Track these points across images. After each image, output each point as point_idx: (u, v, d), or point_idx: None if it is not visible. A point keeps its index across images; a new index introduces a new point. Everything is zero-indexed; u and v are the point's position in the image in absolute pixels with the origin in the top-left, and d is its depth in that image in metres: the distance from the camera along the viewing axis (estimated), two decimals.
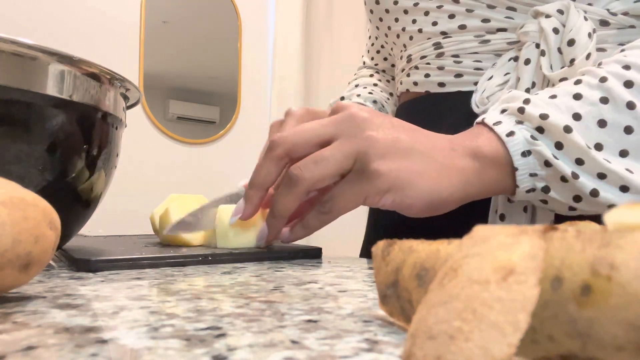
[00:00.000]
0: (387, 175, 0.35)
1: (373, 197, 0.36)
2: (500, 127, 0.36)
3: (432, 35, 0.50)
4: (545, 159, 0.34)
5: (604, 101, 0.34)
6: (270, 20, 1.99)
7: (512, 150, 0.35)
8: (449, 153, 0.36)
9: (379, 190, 0.35)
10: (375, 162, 0.35)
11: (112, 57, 1.61)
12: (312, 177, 0.36)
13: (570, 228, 0.12)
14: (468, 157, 0.36)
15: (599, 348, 0.11)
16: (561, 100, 0.35)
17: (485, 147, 0.36)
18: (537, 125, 0.35)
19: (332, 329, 0.19)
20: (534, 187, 0.36)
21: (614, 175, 0.33)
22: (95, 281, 0.29)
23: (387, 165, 0.35)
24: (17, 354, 0.15)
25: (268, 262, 0.41)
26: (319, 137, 0.36)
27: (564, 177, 0.34)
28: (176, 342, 0.16)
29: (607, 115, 0.34)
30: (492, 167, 0.36)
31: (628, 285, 0.10)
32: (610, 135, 0.34)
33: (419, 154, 0.35)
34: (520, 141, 0.35)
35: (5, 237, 0.20)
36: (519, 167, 0.35)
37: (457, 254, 0.12)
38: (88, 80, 0.37)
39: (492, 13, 0.46)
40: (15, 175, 0.32)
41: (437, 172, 0.35)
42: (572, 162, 0.34)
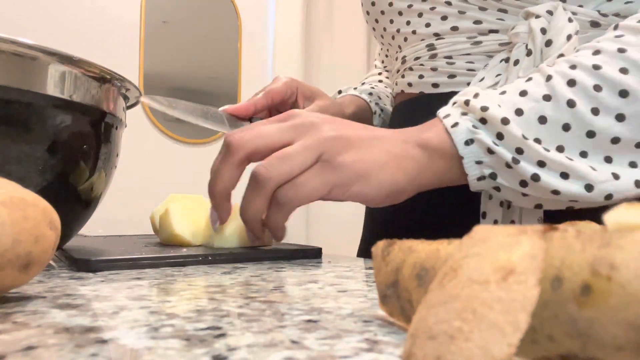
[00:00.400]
0: (352, 166, 0.36)
1: (339, 188, 0.36)
2: (448, 119, 0.38)
3: (426, 37, 0.50)
4: (487, 146, 0.36)
5: (546, 98, 0.36)
6: (270, 20, 1.98)
7: (456, 140, 0.37)
8: (402, 145, 0.38)
9: (345, 182, 0.36)
10: (341, 154, 0.36)
11: (112, 57, 1.61)
12: (279, 175, 0.36)
13: (570, 228, 0.12)
14: (417, 148, 0.38)
15: (599, 348, 0.11)
16: (508, 97, 0.37)
17: (432, 138, 0.38)
18: (479, 117, 0.36)
19: (332, 329, 0.19)
20: (482, 174, 0.37)
21: (553, 163, 0.35)
22: (95, 281, 0.29)
23: (351, 157, 0.36)
24: (17, 354, 0.15)
25: (268, 262, 0.41)
26: (279, 142, 0.37)
27: (508, 164, 0.36)
28: (176, 342, 0.16)
29: (548, 112, 0.35)
30: (440, 157, 0.38)
31: (628, 285, 0.10)
32: (548, 131, 0.35)
33: (377, 146, 0.37)
34: (463, 130, 0.37)
35: (5, 237, 0.20)
36: (464, 155, 0.37)
37: (457, 254, 0.12)
38: (88, 80, 0.37)
39: (483, 15, 0.47)
40: (15, 175, 0.32)
41: (395, 163, 0.37)
42: (512, 150, 0.36)
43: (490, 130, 0.36)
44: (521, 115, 0.36)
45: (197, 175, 1.78)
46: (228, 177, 0.37)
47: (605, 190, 0.35)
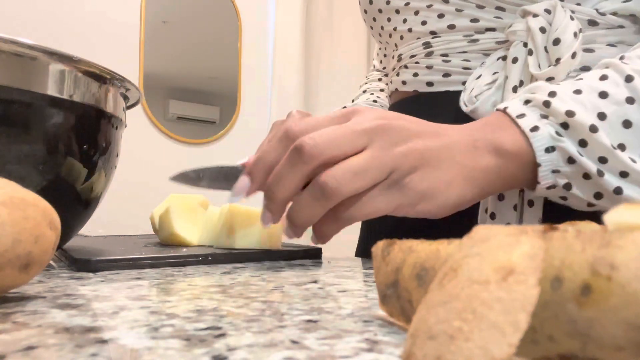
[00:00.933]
0: (420, 187, 0.34)
1: (404, 208, 0.35)
2: (524, 120, 0.35)
3: (422, 35, 0.50)
4: (570, 155, 0.34)
5: (629, 101, 0.34)
6: (270, 20, 1.98)
7: (536, 146, 0.34)
8: (473, 153, 0.36)
9: (411, 202, 0.35)
10: (409, 175, 0.34)
11: (112, 57, 1.61)
12: (349, 191, 0.33)
13: (570, 228, 0.12)
14: (490, 154, 0.36)
15: (599, 348, 0.11)
16: (587, 97, 0.34)
17: (507, 142, 0.35)
18: (562, 122, 0.34)
19: (332, 329, 0.19)
20: (555, 183, 0.35)
21: (637, 174, 0.33)
22: (95, 281, 0.29)
23: (419, 177, 0.34)
24: (17, 354, 0.15)
25: (268, 262, 0.41)
26: (354, 149, 0.34)
27: (587, 174, 0.34)
28: (176, 342, 0.16)
29: (633, 115, 0.34)
30: (514, 163, 0.35)
31: (628, 285, 0.10)
32: (634, 135, 0.34)
33: (446, 161, 0.35)
34: (544, 137, 0.34)
35: (5, 237, 0.20)
36: (542, 163, 0.34)
37: (457, 254, 0.12)
38: (88, 80, 0.37)
39: (481, 13, 0.46)
40: (15, 175, 0.32)
41: (464, 178, 0.35)
42: (596, 160, 0.34)
43: (574, 137, 0.34)
44: (604, 120, 0.34)
45: None
46: (295, 187, 0.34)
47: None
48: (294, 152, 0.33)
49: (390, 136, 0.35)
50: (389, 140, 0.35)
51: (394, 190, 0.35)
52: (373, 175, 0.33)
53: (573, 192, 0.35)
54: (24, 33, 1.44)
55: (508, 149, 0.35)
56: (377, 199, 0.35)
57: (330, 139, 0.34)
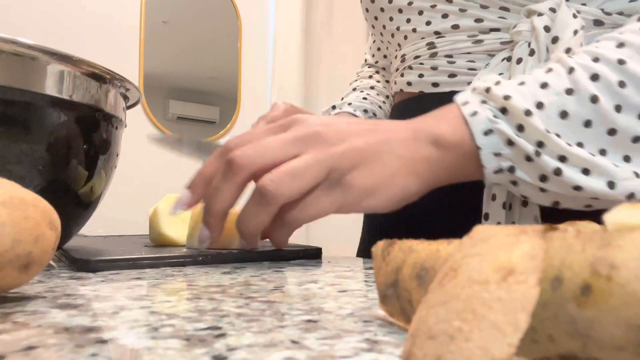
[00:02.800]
0: (362, 184, 0.35)
1: (348, 206, 0.35)
2: (466, 107, 0.36)
3: (426, 35, 0.50)
4: (508, 137, 0.34)
5: (569, 92, 0.34)
6: (270, 20, 1.98)
7: (475, 130, 0.35)
8: (413, 144, 0.36)
9: (354, 200, 0.35)
10: (350, 172, 0.35)
11: (112, 57, 1.61)
12: (289, 193, 0.34)
13: (570, 228, 0.12)
14: (431, 145, 0.36)
15: (599, 348, 0.11)
16: (528, 88, 0.35)
17: (447, 132, 0.36)
18: (500, 106, 0.35)
19: (332, 329, 0.19)
20: (500, 167, 0.36)
21: (576, 157, 0.33)
22: (95, 281, 0.29)
23: (360, 174, 0.35)
24: (17, 354, 0.15)
25: (268, 262, 0.41)
26: (286, 157, 0.35)
27: (528, 156, 0.34)
28: (176, 342, 0.16)
29: (570, 107, 0.34)
30: (455, 152, 0.36)
31: (628, 285, 0.10)
32: (569, 127, 0.34)
33: (387, 155, 0.36)
34: (482, 120, 0.35)
35: (5, 237, 0.20)
36: (481, 146, 0.35)
37: (457, 254, 0.12)
38: (88, 80, 0.37)
39: (485, 13, 0.46)
40: (15, 175, 0.32)
41: (406, 169, 0.36)
42: (534, 143, 0.34)
43: (511, 121, 0.35)
44: (542, 109, 0.34)
45: None
46: (230, 197, 0.35)
47: (627, 188, 0.33)
48: (226, 164, 0.35)
49: (325, 140, 0.35)
50: (324, 143, 0.35)
51: (336, 190, 0.35)
52: (311, 175, 0.34)
53: (518, 175, 0.35)
54: (23, 33, 1.43)
55: (447, 139, 0.36)
56: (319, 200, 0.35)
57: (260, 149, 0.35)
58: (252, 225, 0.35)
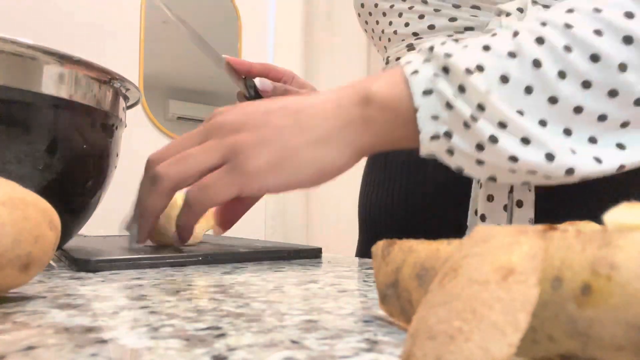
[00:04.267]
0: (257, 162, 0.34)
1: (249, 187, 0.35)
2: (408, 66, 0.34)
3: (406, 37, 0.51)
4: (447, 99, 0.32)
5: (511, 55, 0.32)
6: (270, 20, 1.98)
7: (414, 90, 0.33)
8: (334, 112, 0.35)
9: (253, 179, 0.34)
10: (245, 153, 0.34)
11: (112, 57, 1.61)
12: (175, 174, 0.35)
13: (570, 228, 0.12)
14: (356, 106, 0.34)
15: (599, 348, 0.11)
16: (470, 50, 0.33)
17: (381, 90, 0.34)
18: (442, 65, 0.33)
19: (332, 329, 0.19)
20: (437, 132, 0.33)
21: (515, 125, 0.31)
22: (95, 281, 0.29)
23: (255, 152, 0.34)
24: (17, 354, 0.15)
25: (268, 262, 0.41)
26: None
27: (466, 122, 0.32)
28: (176, 342, 0.16)
29: (511, 71, 0.32)
30: (388, 111, 0.34)
31: (628, 285, 0.10)
32: (509, 92, 0.32)
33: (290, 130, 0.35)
34: (422, 79, 0.33)
35: (5, 237, 0.20)
36: (419, 107, 0.33)
37: (457, 254, 0.12)
38: (88, 80, 0.36)
39: (458, 12, 0.47)
40: (15, 175, 0.32)
41: (314, 142, 0.34)
42: (473, 106, 0.32)
43: (452, 80, 0.32)
44: (482, 72, 0.32)
45: None
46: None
47: (566, 163, 0.31)
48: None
49: (225, 128, 0.36)
50: (224, 130, 0.36)
51: (232, 172, 0.35)
52: (201, 158, 0.35)
53: (454, 142, 0.33)
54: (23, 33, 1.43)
55: (381, 96, 0.34)
56: (217, 182, 0.35)
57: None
58: (148, 208, 0.37)
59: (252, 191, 0.35)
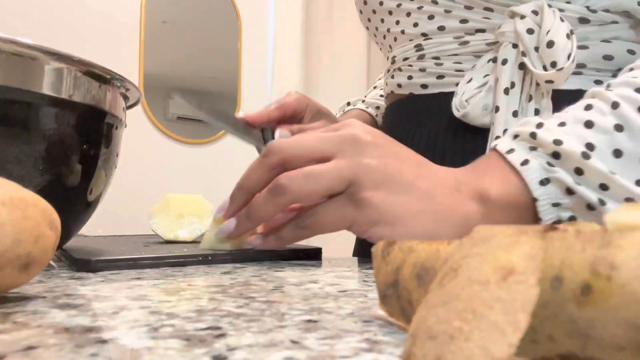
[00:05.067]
0: (378, 207, 0.33)
1: (360, 226, 0.34)
2: (513, 155, 0.33)
3: (414, 37, 0.50)
4: (567, 186, 0.32)
5: (618, 129, 0.32)
6: (270, 20, 1.98)
7: (529, 180, 0.32)
8: (453, 195, 0.34)
9: (366, 221, 0.34)
10: (370, 190, 0.33)
11: (112, 57, 1.61)
12: (299, 191, 0.34)
13: (570, 228, 0.12)
14: (474, 201, 0.34)
15: (599, 348, 0.11)
16: (571, 128, 0.32)
17: (493, 187, 0.33)
18: (552, 151, 0.32)
19: (332, 329, 0.19)
20: (559, 218, 0.33)
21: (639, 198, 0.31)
22: (95, 281, 0.29)
23: (380, 196, 0.33)
24: (17, 354, 0.15)
25: (268, 262, 0.41)
26: (317, 152, 0.35)
27: (591, 205, 0.32)
28: (176, 342, 0.16)
29: (623, 144, 0.31)
30: (503, 207, 0.33)
31: (628, 285, 0.10)
32: (625, 165, 0.31)
33: (418, 192, 0.33)
34: (536, 169, 0.32)
35: (5, 237, 0.20)
36: (539, 198, 0.32)
37: (457, 254, 0.12)
38: (88, 80, 0.36)
39: (469, 14, 0.46)
40: (15, 175, 0.32)
41: (436, 215, 0.33)
42: (596, 187, 0.31)
43: (567, 166, 0.32)
44: (593, 151, 0.31)
45: (197, 175, 1.78)
46: (257, 177, 0.36)
47: None
48: (264, 152, 0.36)
49: (361, 147, 0.34)
50: (358, 150, 0.34)
51: (350, 205, 0.34)
52: (328, 182, 0.33)
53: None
54: (23, 33, 1.43)
55: (495, 193, 0.33)
56: (331, 211, 0.34)
57: (296, 140, 0.35)
58: (259, 210, 0.36)
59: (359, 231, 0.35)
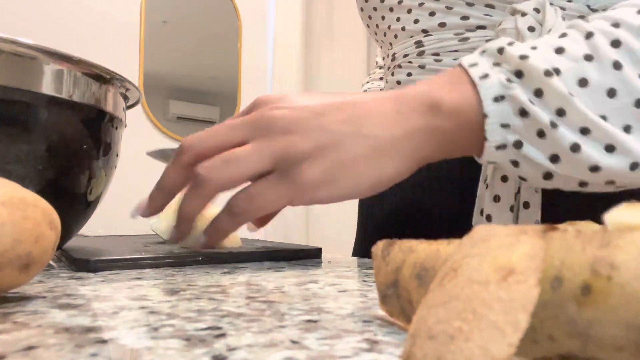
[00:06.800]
0: (311, 176, 0.32)
1: (301, 199, 0.33)
2: (475, 68, 0.32)
3: (414, 34, 0.50)
4: (521, 106, 0.30)
5: (587, 58, 0.30)
6: (270, 20, 1.98)
7: (484, 94, 0.31)
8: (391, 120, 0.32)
9: (306, 191, 0.32)
10: (299, 164, 0.32)
11: (112, 57, 1.61)
12: (220, 179, 0.32)
13: (570, 228, 0.12)
14: (420, 114, 0.32)
15: (599, 348, 0.11)
16: (541, 52, 0.31)
17: (447, 97, 0.32)
18: (515, 69, 0.31)
19: (332, 329, 0.18)
20: (505, 142, 0.31)
21: (600, 130, 0.29)
22: (95, 281, 0.29)
23: (310, 165, 0.32)
24: (17, 354, 0.15)
25: (268, 262, 0.41)
26: (231, 140, 0.33)
27: (541, 130, 0.30)
28: (176, 342, 0.16)
29: (590, 73, 0.30)
30: (453, 120, 0.32)
31: (628, 285, 0.10)
32: (590, 96, 0.30)
33: (349, 140, 0.32)
34: (494, 84, 0.31)
35: (5, 237, 0.20)
36: (489, 114, 0.31)
37: (457, 254, 0.12)
38: (88, 80, 0.37)
39: (471, 10, 0.46)
40: (15, 175, 0.32)
41: (380, 151, 0.32)
42: (552, 111, 0.30)
43: (528, 85, 0.30)
44: (559, 75, 0.30)
45: None
46: (173, 177, 0.35)
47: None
48: (177, 149, 0.35)
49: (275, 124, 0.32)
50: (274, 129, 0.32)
51: (283, 182, 0.32)
52: (249, 164, 0.32)
53: (525, 152, 0.31)
54: (23, 33, 1.43)
55: (447, 104, 0.32)
56: (265, 191, 0.33)
57: (206, 134, 0.34)
58: (188, 209, 0.34)
59: (302, 203, 0.33)
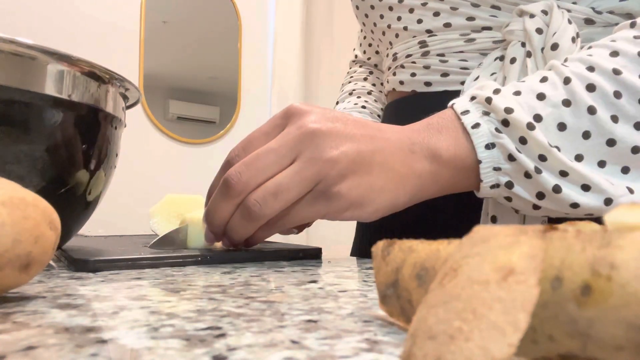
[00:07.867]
0: (348, 195, 0.35)
1: (332, 216, 0.36)
2: (467, 117, 0.36)
3: (418, 34, 0.50)
4: (509, 152, 0.34)
5: (565, 104, 0.34)
6: (270, 20, 1.98)
7: (477, 143, 0.35)
8: (408, 157, 0.36)
9: (338, 210, 0.36)
10: (337, 184, 0.35)
11: (112, 57, 1.61)
12: (273, 211, 0.35)
13: (570, 228, 0.12)
14: (425, 159, 0.36)
15: (599, 348, 0.11)
16: (524, 99, 0.35)
17: (444, 146, 0.36)
18: (502, 118, 0.34)
19: (332, 329, 0.19)
20: (497, 182, 0.36)
21: (576, 173, 0.33)
22: (95, 281, 0.29)
23: (347, 185, 0.35)
24: (17, 354, 0.15)
25: (268, 262, 0.41)
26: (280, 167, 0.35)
27: (528, 173, 0.34)
28: (176, 342, 0.16)
29: (568, 118, 0.34)
30: (451, 166, 0.36)
31: (628, 285, 0.10)
32: (568, 139, 0.34)
33: (378, 167, 0.36)
34: (485, 133, 0.35)
35: (5, 237, 0.20)
36: (482, 160, 0.35)
37: (457, 254, 0.12)
38: (87, 80, 0.36)
39: (476, 11, 0.46)
40: (15, 175, 0.32)
41: (395, 184, 0.36)
42: (535, 158, 0.34)
43: (513, 134, 0.34)
44: (540, 122, 0.34)
45: (197, 175, 1.78)
46: (227, 214, 0.37)
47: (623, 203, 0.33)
48: (223, 185, 0.36)
49: (317, 144, 0.35)
50: (316, 149, 0.35)
51: (320, 201, 0.35)
52: (295, 192, 0.35)
53: (515, 191, 0.35)
54: (23, 33, 1.43)
55: (445, 154, 0.36)
56: (303, 210, 0.36)
57: (251, 164, 0.35)
58: (240, 236, 0.37)
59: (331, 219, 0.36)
